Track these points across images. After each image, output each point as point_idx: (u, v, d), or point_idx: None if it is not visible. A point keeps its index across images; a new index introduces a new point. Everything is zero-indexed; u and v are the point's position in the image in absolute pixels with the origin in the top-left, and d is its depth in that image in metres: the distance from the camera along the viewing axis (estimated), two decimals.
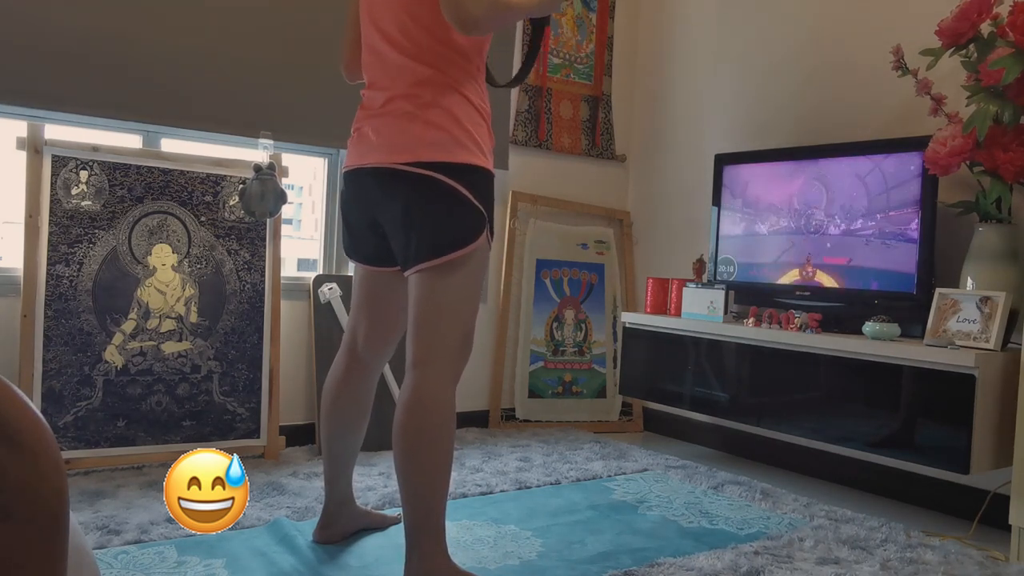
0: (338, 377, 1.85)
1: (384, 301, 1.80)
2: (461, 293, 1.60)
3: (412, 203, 1.57)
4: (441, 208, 1.56)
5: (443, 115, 1.56)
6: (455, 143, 1.56)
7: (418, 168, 1.55)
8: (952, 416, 2.07)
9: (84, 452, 2.34)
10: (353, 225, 1.76)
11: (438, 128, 1.55)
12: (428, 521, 1.57)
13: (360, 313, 1.84)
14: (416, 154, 1.55)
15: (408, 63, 1.60)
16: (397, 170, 1.57)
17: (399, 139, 1.58)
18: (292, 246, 3.90)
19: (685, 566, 1.82)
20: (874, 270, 2.49)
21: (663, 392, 2.93)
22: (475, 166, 1.58)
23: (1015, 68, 2.01)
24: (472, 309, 1.65)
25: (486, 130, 1.64)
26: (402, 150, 1.57)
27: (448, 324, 1.60)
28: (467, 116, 1.59)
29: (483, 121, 1.63)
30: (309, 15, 2.74)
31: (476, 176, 1.58)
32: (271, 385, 2.63)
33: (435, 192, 1.55)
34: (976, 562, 1.94)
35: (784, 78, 3.00)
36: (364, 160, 1.64)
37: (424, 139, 1.56)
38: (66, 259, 2.36)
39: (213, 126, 2.63)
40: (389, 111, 1.61)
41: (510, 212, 3.34)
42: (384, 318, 1.82)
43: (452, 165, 1.55)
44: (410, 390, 1.58)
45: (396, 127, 1.59)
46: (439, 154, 1.55)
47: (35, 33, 2.32)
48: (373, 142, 1.63)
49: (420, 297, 1.60)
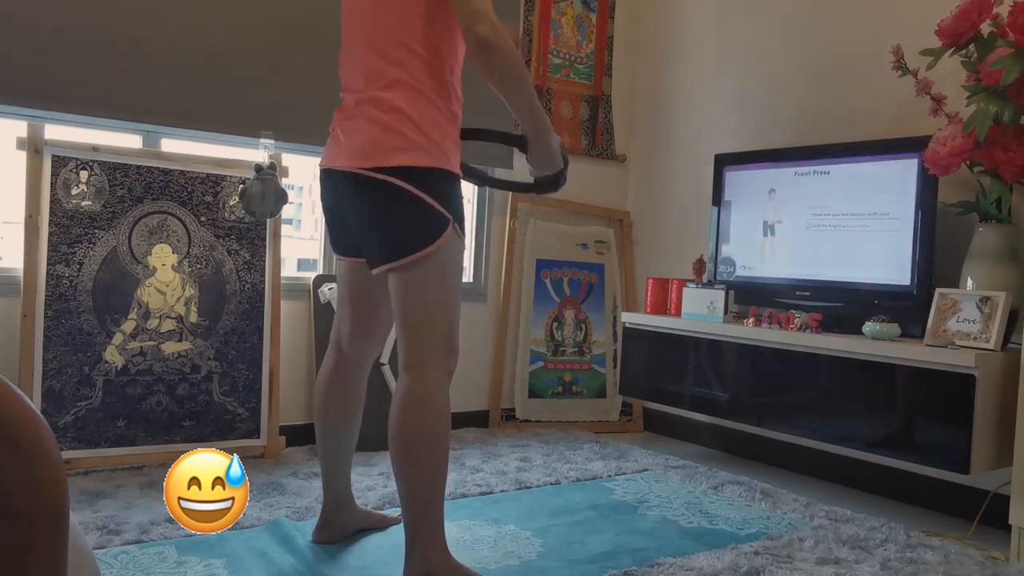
0: (326, 374, 1.88)
1: (364, 295, 1.83)
2: (438, 291, 1.64)
3: (373, 206, 1.62)
4: (398, 211, 1.60)
5: (402, 120, 1.59)
6: (413, 147, 1.59)
7: (377, 173, 1.59)
8: (952, 416, 2.07)
9: (84, 452, 2.34)
10: (331, 219, 1.81)
11: (396, 133, 1.59)
12: (427, 519, 1.59)
13: (343, 308, 1.87)
14: (375, 159, 1.60)
15: (377, 63, 1.63)
16: (358, 175, 1.62)
17: (361, 144, 1.62)
18: (292, 246, 3.90)
19: (685, 566, 1.82)
20: (874, 270, 2.49)
21: (663, 392, 2.93)
22: (433, 168, 1.61)
23: (1015, 68, 2.01)
24: (451, 305, 1.68)
25: (449, 131, 1.66)
26: (363, 155, 1.61)
27: (432, 323, 1.64)
28: (428, 119, 1.61)
29: (446, 122, 1.65)
30: (309, 15, 2.74)
31: (434, 178, 1.61)
32: (271, 385, 2.63)
33: (392, 196, 1.59)
34: (976, 562, 1.94)
35: (784, 78, 3.00)
36: (333, 162, 1.70)
37: (383, 144, 1.59)
38: (66, 259, 2.36)
39: (213, 126, 2.63)
40: (356, 114, 1.66)
41: (510, 212, 3.34)
42: (366, 312, 1.85)
43: (410, 169, 1.59)
44: (404, 390, 1.62)
45: (359, 131, 1.63)
46: (397, 159, 1.58)
47: (35, 33, 2.31)
48: (341, 145, 1.67)
49: (400, 300, 1.64)
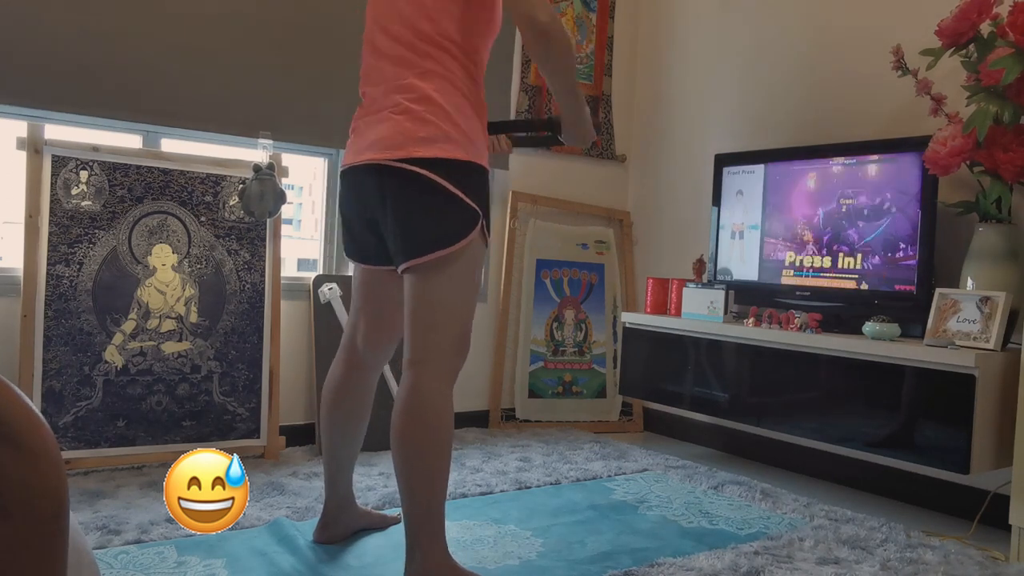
0: (337, 378, 1.85)
1: (383, 302, 1.80)
2: (455, 291, 1.59)
3: (402, 200, 1.57)
4: (430, 205, 1.55)
5: (435, 110, 1.55)
6: (446, 138, 1.55)
7: (408, 164, 1.54)
8: (952, 416, 2.07)
9: (84, 452, 2.34)
10: (351, 224, 1.75)
11: (429, 123, 1.54)
12: (428, 520, 1.57)
13: (360, 314, 1.83)
14: (406, 150, 1.54)
15: (405, 55, 1.59)
16: (389, 166, 1.56)
17: (391, 135, 1.57)
18: (292, 246, 3.90)
19: (685, 566, 1.82)
20: (874, 270, 2.49)
21: (663, 392, 2.93)
22: (466, 162, 1.57)
23: (1015, 68, 2.01)
24: (468, 307, 1.63)
25: (479, 125, 1.63)
26: (393, 146, 1.56)
27: (443, 322, 1.59)
28: (460, 111, 1.57)
29: (476, 116, 1.62)
30: (309, 15, 2.74)
31: (467, 172, 1.57)
32: (271, 385, 2.63)
33: (424, 189, 1.54)
34: (976, 562, 1.94)
35: (784, 78, 3.00)
36: (359, 157, 1.64)
37: (415, 135, 1.54)
38: (66, 259, 2.36)
39: (213, 126, 2.63)
40: (384, 106, 1.61)
41: (510, 212, 3.34)
42: (383, 319, 1.81)
43: (442, 161, 1.54)
44: (407, 390, 1.58)
45: (389, 123, 1.58)
46: (429, 150, 1.53)
47: (35, 33, 2.32)
48: (367, 139, 1.62)
49: (414, 295, 1.60)
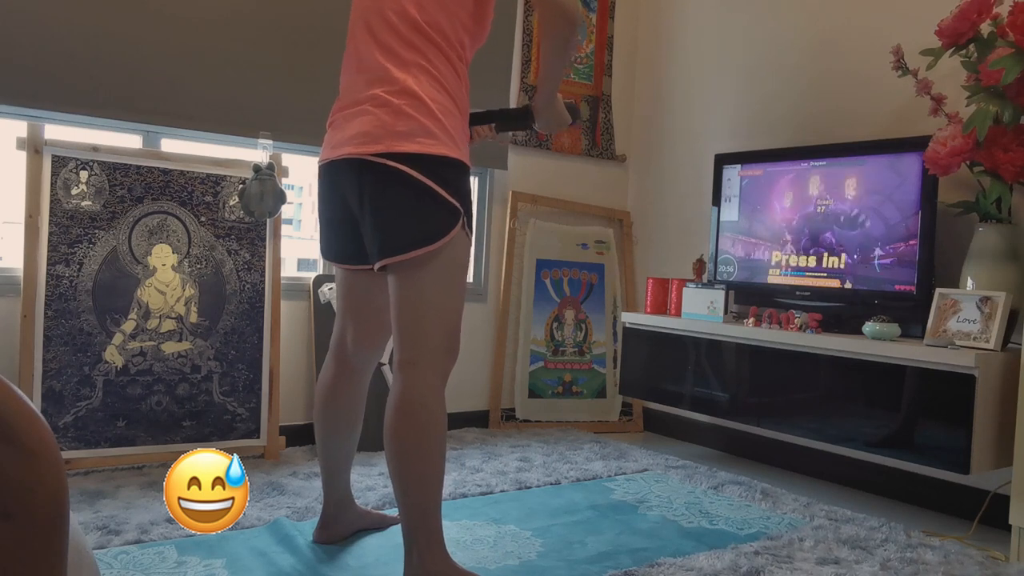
0: (328, 381, 1.83)
1: (367, 303, 1.77)
2: (440, 290, 1.57)
3: (380, 196, 1.54)
4: (409, 202, 1.52)
5: (416, 103, 1.52)
6: (426, 133, 1.51)
7: (387, 160, 1.51)
8: (952, 416, 2.07)
9: (84, 452, 2.34)
10: (330, 221, 1.72)
11: (409, 118, 1.51)
12: (424, 520, 1.56)
13: (346, 317, 1.81)
14: (386, 145, 1.51)
15: (389, 42, 1.56)
16: (367, 161, 1.54)
17: (369, 129, 1.54)
18: (292, 246, 3.91)
19: (685, 566, 1.82)
20: (874, 270, 2.49)
21: (663, 392, 2.93)
22: (446, 157, 1.54)
23: (1015, 68, 2.01)
24: (455, 306, 1.61)
25: (461, 122, 1.61)
26: (371, 140, 1.53)
27: (431, 322, 1.57)
28: (441, 106, 1.55)
29: (458, 112, 1.60)
30: (309, 15, 2.74)
31: (447, 168, 1.54)
32: (271, 385, 2.63)
33: (403, 185, 1.51)
34: (976, 562, 1.94)
35: (784, 78, 3.00)
36: (336, 152, 1.60)
37: (394, 129, 1.51)
38: (66, 259, 2.36)
39: (213, 126, 2.63)
40: (363, 99, 1.58)
41: (510, 212, 3.34)
42: (369, 321, 1.79)
43: (422, 156, 1.51)
44: (399, 391, 1.56)
45: (368, 116, 1.55)
46: (409, 145, 1.50)
47: (35, 33, 2.32)
48: (346, 133, 1.59)
49: (399, 296, 1.58)
